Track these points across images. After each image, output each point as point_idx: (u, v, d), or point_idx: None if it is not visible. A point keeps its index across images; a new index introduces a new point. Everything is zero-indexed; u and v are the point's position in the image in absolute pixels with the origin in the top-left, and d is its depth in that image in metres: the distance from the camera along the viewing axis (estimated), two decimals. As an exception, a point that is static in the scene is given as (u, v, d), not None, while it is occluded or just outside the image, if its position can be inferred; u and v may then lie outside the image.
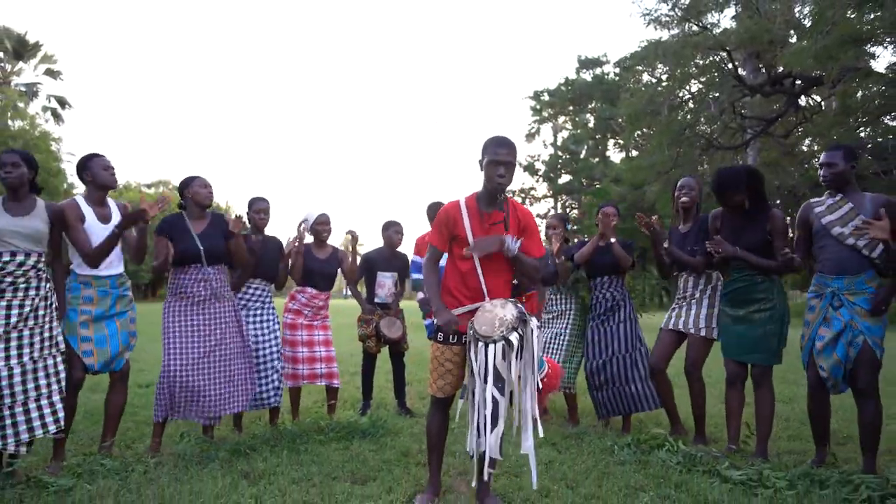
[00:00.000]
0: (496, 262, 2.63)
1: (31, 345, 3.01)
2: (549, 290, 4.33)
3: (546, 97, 41.76)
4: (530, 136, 42.95)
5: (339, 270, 4.50)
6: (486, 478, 2.47)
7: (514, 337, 2.37)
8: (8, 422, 2.90)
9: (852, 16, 9.50)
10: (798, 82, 17.56)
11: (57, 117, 33.13)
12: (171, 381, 3.47)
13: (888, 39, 12.13)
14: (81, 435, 3.89)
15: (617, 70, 37.74)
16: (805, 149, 21.71)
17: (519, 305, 2.51)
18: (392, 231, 4.79)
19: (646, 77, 23.13)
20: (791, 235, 3.44)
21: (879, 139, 17.80)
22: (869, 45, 11.45)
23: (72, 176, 31.64)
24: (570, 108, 41.70)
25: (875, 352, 2.92)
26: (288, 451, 3.42)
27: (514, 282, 2.82)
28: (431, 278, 2.74)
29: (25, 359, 2.98)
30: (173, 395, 3.48)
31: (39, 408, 3.00)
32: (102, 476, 2.93)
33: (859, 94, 15.90)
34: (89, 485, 2.81)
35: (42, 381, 3.02)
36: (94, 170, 3.35)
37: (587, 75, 40.64)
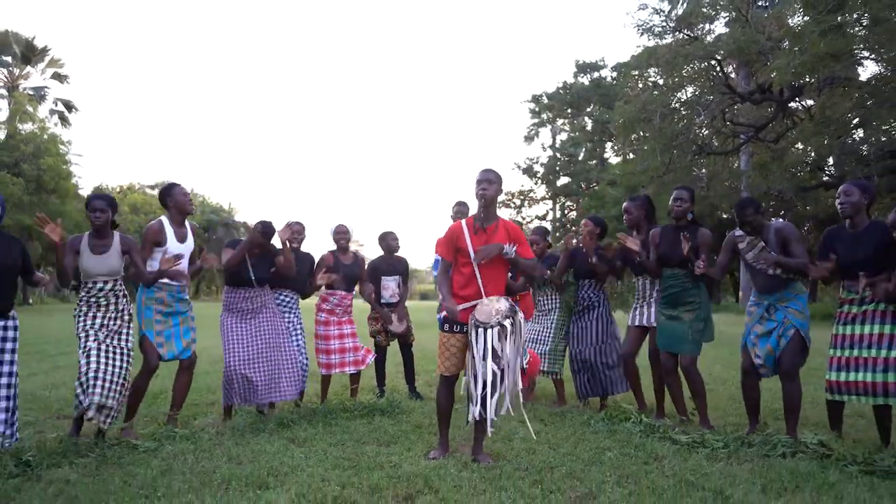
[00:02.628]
0: (492, 269, 3.38)
1: (110, 347, 3.79)
2: (539, 290, 5.07)
3: (545, 100, 42.45)
4: (529, 139, 43.65)
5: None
6: (489, 434, 3.24)
7: (507, 323, 3.13)
8: (91, 386, 3.61)
9: (821, 40, 10.24)
10: (785, 90, 18.30)
11: (64, 120, 33.76)
12: (232, 375, 4.29)
13: (864, 55, 12.90)
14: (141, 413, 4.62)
15: (614, 74, 38.52)
16: (797, 150, 22.42)
17: (510, 300, 3.27)
18: (390, 239, 5.50)
19: (640, 83, 23.85)
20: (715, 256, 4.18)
21: (864, 146, 18.56)
22: (846, 60, 12.17)
23: (78, 178, 32.41)
24: (569, 111, 42.40)
25: (804, 340, 3.66)
26: (322, 424, 4.16)
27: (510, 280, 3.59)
28: (444, 281, 3.52)
29: (108, 344, 3.76)
30: (236, 386, 4.30)
31: (111, 382, 3.71)
32: (178, 441, 3.67)
33: (847, 102, 16.63)
34: (170, 446, 3.55)
35: (117, 379, 3.74)
36: (177, 197, 4.09)
37: (585, 79, 41.36)
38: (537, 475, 3.04)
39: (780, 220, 4.08)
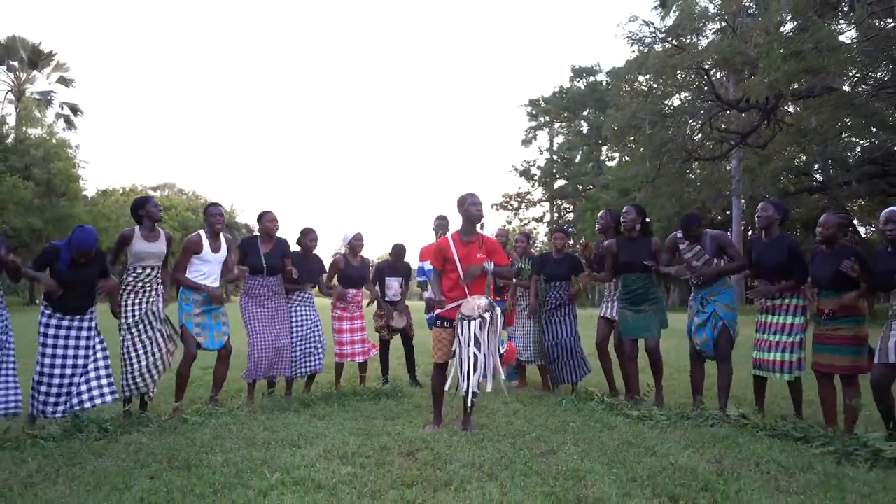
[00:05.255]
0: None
1: (152, 327, 4.58)
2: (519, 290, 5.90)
3: (542, 104, 43.24)
4: (526, 142, 44.46)
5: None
6: (469, 404, 4.02)
7: (487, 315, 3.94)
8: (147, 376, 4.50)
9: (784, 64, 11.03)
10: (770, 98, 19.07)
11: (69, 124, 34.46)
12: (257, 352, 5.09)
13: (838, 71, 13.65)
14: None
15: (609, 79, 39.33)
16: (787, 153, 23.20)
17: (489, 298, 4.08)
18: (398, 249, 6.32)
19: (631, 91, 24.63)
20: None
21: (847, 153, 19.36)
22: (820, 74, 12.92)
23: (84, 181, 33.09)
24: (565, 114, 43.21)
25: (730, 330, 4.48)
26: (337, 404, 4.95)
27: (500, 284, 4.42)
28: (437, 284, 4.33)
29: (150, 333, 4.56)
30: (260, 362, 5.06)
31: (159, 364, 4.60)
32: (220, 416, 4.46)
33: (823, 114, 17.39)
34: (215, 420, 4.34)
35: (163, 348, 4.62)
36: (207, 216, 4.89)
37: (581, 84, 42.18)
38: (512, 439, 3.83)
39: (714, 230, 4.91)
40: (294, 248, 5.64)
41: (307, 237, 5.68)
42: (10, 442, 3.69)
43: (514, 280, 5.74)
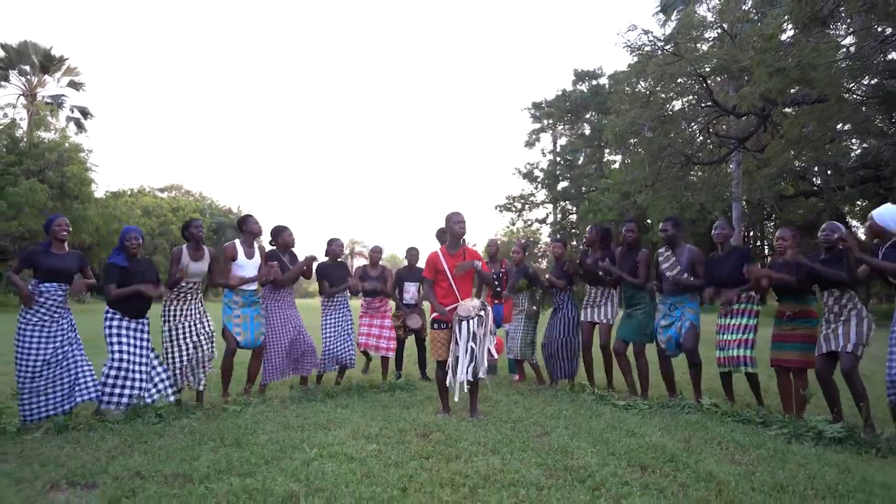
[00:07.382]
0: (463, 282, 4.81)
1: (195, 334, 5.18)
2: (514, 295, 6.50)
3: (545, 107, 43.76)
4: (530, 144, 44.98)
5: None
6: (466, 389, 4.64)
7: (482, 313, 4.55)
8: (196, 373, 5.11)
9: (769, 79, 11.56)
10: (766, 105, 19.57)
11: (80, 127, 35.17)
12: (273, 358, 5.67)
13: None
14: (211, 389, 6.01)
15: (610, 82, 39.82)
16: (787, 157, 23.64)
17: (481, 300, 4.68)
18: (412, 254, 6.93)
19: (630, 97, 25.12)
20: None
21: (841, 159, 19.85)
22: (807, 85, 13.43)
23: (95, 185, 33.76)
24: (568, 117, 43.71)
25: (696, 328, 5.07)
26: (357, 395, 5.56)
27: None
28: (431, 292, 4.91)
29: (190, 340, 5.15)
30: (280, 363, 5.67)
31: (204, 360, 5.21)
32: (256, 405, 5.07)
33: (813, 123, 17.85)
34: (252, 409, 4.95)
35: (209, 351, 5.22)
36: (249, 226, 5.51)
37: (583, 87, 42.69)
38: (512, 424, 4.43)
39: (693, 246, 5.51)
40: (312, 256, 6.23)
41: (332, 245, 6.31)
42: (82, 425, 4.31)
43: (508, 291, 6.35)
